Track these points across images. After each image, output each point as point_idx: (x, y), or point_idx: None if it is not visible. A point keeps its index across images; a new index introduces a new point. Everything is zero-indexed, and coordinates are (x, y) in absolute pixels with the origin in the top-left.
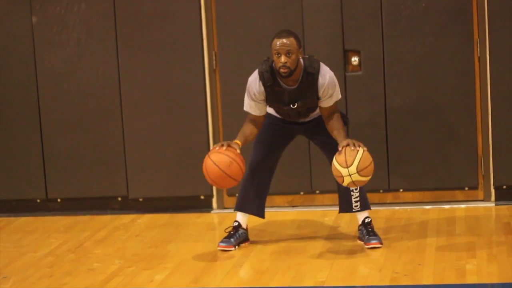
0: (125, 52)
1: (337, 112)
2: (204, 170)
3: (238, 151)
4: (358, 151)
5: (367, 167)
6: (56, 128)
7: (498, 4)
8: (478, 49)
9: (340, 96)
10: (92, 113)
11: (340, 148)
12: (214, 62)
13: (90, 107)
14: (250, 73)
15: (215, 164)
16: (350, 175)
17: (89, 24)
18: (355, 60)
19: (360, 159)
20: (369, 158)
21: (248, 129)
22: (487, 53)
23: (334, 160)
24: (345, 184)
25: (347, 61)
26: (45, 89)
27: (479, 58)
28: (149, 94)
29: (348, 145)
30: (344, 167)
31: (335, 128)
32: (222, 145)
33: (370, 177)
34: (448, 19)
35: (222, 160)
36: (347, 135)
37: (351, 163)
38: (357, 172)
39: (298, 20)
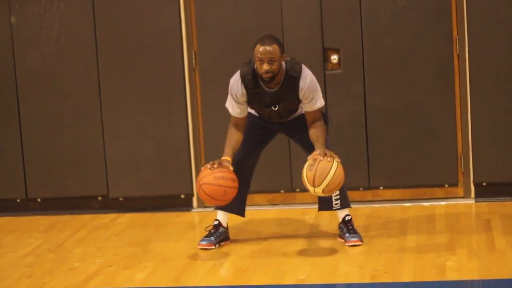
0: (104, 51)
1: (320, 120)
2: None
3: (231, 168)
4: (329, 172)
5: (333, 189)
6: (35, 128)
7: (477, 1)
8: (458, 47)
9: (323, 103)
10: (71, 112)
11: (311, 157)
12: (193, 61)
13: (69, 106)
14: (230, 71)
15: (209, 196)
16: (315, 191)
17: (68, 24)
18: (334, 58)
19: (329, 181)
20: (338, 179)
21: (234, 138)
22: (466, 51)
23: (304, 172)
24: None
25: (326, 59)
26: (24, 89)
27: (458, 56)
28: (129, 93)
29: (319, 156)
30: (311, 185)
31: (315, 136)
32: (214, 164)
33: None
34: (427, 17)
35: (215, 192)
36: (328, 134)
37: (318, 184)
38: (322, 192)
39: (277, 19)
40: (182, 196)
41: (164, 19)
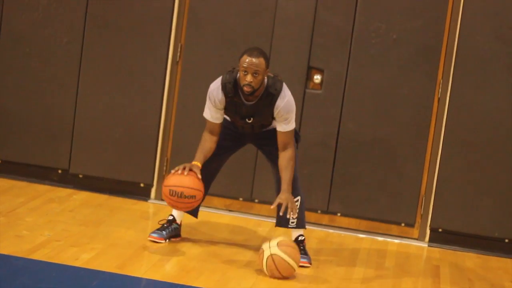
0: (93, 26)
1: (291, 147)
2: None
3: (199, 174)
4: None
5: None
6: (10, 89)
7: (467, 49)
8: (440, 90)
9: (294, 125)
10: (48, 81)
11: (273, 205)
12: (178, 54)
13: (47, 74)
14: (212, 71)
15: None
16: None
17: None
18: (317, 78)
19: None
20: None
21: (207, 146)
22: (447, 96)
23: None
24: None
25: (309, 77)
26: (6, 49)
27: (439, 99)
28: (109, 73)
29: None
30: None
31: (284, 170)
32: (184, 169)
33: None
34: (416, 55)
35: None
36: (297, 151)
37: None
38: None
39: (268, 29)
40: (142, 185)
41: (157, 7)
